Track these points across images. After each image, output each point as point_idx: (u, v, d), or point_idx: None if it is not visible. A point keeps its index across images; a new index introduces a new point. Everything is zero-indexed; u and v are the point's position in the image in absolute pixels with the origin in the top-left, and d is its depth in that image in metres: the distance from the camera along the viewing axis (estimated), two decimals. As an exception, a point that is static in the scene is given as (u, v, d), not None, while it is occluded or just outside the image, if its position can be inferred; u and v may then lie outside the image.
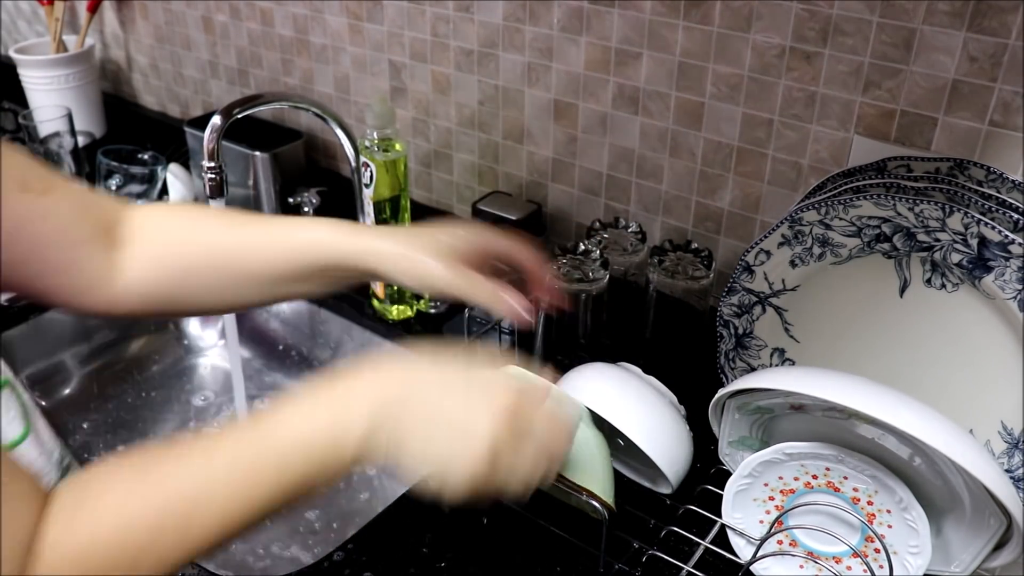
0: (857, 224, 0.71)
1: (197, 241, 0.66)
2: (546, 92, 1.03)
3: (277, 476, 0.48)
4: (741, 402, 0.70)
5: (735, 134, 0.90)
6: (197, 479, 0.47)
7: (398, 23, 1.13)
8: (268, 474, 0.48)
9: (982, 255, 0.66)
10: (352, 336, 1.12)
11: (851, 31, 0.79)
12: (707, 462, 0.79)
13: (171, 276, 0.66)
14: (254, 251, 0.66)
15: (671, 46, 0.91)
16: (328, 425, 0.49)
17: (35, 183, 0.59)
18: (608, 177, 1.03)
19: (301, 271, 0.65)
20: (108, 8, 1.57)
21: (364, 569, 0.73)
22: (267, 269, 0.66)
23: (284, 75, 1.33)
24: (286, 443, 0.48)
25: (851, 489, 0.65)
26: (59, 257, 0.61)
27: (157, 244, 0.66)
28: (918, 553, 0.63)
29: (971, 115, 0.76)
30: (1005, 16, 0.71)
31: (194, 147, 1.29)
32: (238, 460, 0.48)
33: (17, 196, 0.57)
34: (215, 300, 0.69)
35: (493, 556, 0.74)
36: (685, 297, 0.87)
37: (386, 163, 0.98)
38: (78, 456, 1.05)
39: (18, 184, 0.57)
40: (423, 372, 0.52)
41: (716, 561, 0.71)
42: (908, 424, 0.57)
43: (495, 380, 0.52)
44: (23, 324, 1.09)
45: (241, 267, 0.66)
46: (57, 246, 0.61)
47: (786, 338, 0.81)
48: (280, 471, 0.48)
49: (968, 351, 0.71)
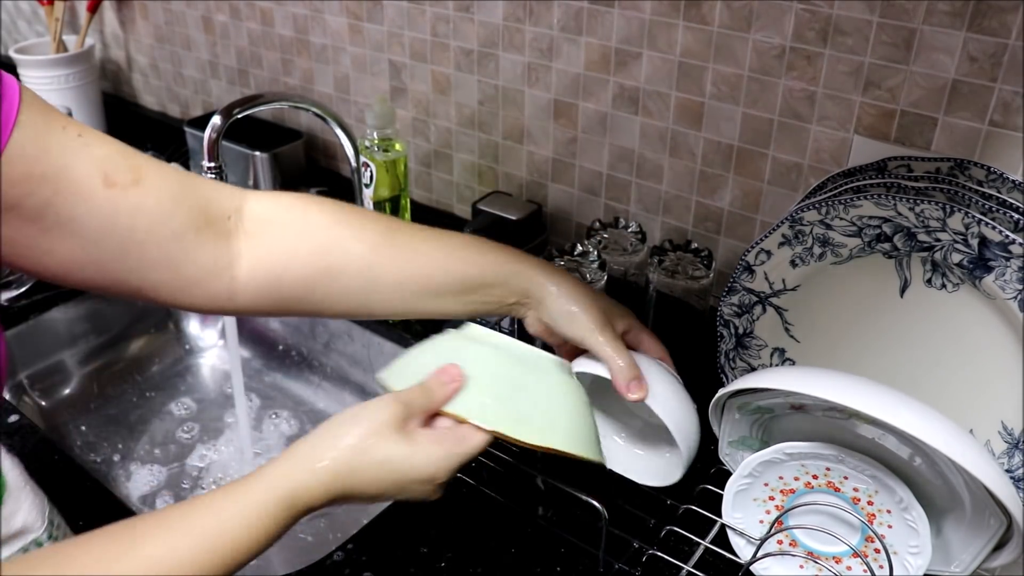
0: (857, 224, 0.71)
1: (336, 249, 0.63)
2: (546, 92, 1.03)
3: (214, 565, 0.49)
4: (741, 402, 0.70)
5: (735, 134, 0.90)
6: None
7: (398, 23, 1.13)
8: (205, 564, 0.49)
9: (982, 255, 0.66)
10: (352, 336, 1.12)
11: (851, 31, 0.79)
12: (707, 462, 0.79)
13: (295, 281, 0.63)
14: (405, 263, 0.64)
15: (671, 46, 0.91)
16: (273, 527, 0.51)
17: (120, 175, 0.55)
18: (608, 177, 1.03)
19: (457, 285, 0.65)
20: (108, 8, 1.57)
21: (364, 569, 0.73)
22: (418, 280, 0.64)
23: (284, 75, 1.33)
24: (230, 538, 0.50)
25: (851, 489, 0.65)
26: (156, 252, 0.58)
27: (285, 241, 0.62)
28: (918, 553, 0.63)
29: (971, 115, 0.76)
30: (1005, 16, 0.71)
31: (194, 147, 1.29)
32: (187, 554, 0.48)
33: (103, 193, 0.54)
34: (342, 308, 0.66)
35: (493, 556, 0.74)
36: (685, 297, 0.87)
37: (386, 163, 0.98)
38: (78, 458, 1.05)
39: (102, 179, 0.54)
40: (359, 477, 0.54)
41: (716, 561, 0.71)
42: (908, 424, 0.57)
43: (427, 463, 0.56)
44: (23, 324, 1.09)
45: (386, 278, 0.64)
46: (153, 241, 0.57)
47: (786, 338, 0.81)
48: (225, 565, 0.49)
49: (968, 351, 0.71)
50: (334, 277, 0.63)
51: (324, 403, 1.16)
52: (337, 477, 0.53)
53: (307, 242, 0.63)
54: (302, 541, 0.96)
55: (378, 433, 0.54)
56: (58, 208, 0.53)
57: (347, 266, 0.63)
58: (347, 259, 0.63)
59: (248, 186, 1.24)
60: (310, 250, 0.63)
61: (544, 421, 0.61)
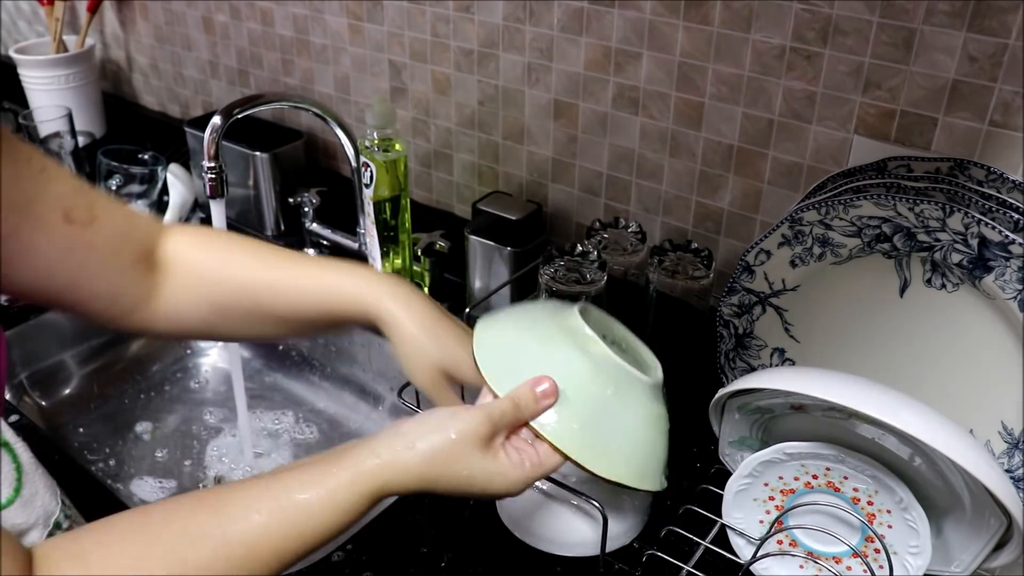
0: (857, 224, 0.71)
1: (230, 279, 0.67)
2: (546, 92, 1.03)
3: (295, 548, 0.51)
4: (741, 402, 0.70)
5: (735, 134, 0.90)
6: (212, 539, 0.48)
7: (398, 23, 1.13)
8: (286, 547, 0.51)
9: (982, 255, 0.66)
10: (352, 336, 1.12)
11: (851, 31, 0.79)
12: (707, 462, 0.79)
13: (203, 310, 0.67)
14: (284, 295, 0.66)
15: (671, 46, 0.91)
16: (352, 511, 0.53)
17: (79, 213, 0.59)
18: (608, 177, 1.03)
19: (327, 318, 0.66)
20: (108, 8, 1.57)
21: (364, 569, 0.74)
22: (295, 313, 0.67)
23: (284, 75, 1.33)
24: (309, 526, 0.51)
25: (851, 489, 0.65)
26: (102, 286, 0.62)
27: (192, 276, 0.67)
28: (918, 553, 0.63)
29: (971, 115, 0.76)
30: (1005, 16, 0.71)
31: (194, 147, 1.29)
32: (253, 526, 0.49)
33: (62, 228, 0.57)
34: (245, 333, 0.71)
35: (493, 556, 0.75)
36: (685, 297, 0.87)
37: (386, 163, 0.98)
38: (78, 458, 1.05)
39: (63, 215, 0.57)
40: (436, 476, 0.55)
41: (716, 561, 0.71)
42: (908, 424, 0.57)
43: (505, 483, 0.57)
44: (23, 324, 1.09)
45: (271, 309, 0.67)
46: (100, 276, 0.61)
47: (786, 338, 0.81)
48: (295, 550, 0.51)
49: (968, 351, 0.71)
50: (221, 311, 0.67)
51: (324, 403, 1.16)
52: (422, 481, 0.55)
53: (200, 280, 0.67)
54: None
55: (465, 446, 0.55)
56: (21, 237, 0.55)
57: (229, 301, 0.67)
58: (230, 296, 0.67)
59: (248, 186, 1.24)
60: (202, 287, 0.67)
61: (621, 455, 0.61)
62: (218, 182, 0.95)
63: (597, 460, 0.60)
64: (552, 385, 0.59)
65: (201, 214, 1.33)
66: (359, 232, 1.12)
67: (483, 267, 1.01)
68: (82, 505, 0.81)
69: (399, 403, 0.81)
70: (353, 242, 1.15)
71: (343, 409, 1.15)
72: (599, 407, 0.61)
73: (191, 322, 0.68)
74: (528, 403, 0.58)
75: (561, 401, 0.60)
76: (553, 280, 0.86)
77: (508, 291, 0.98)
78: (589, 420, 0.61)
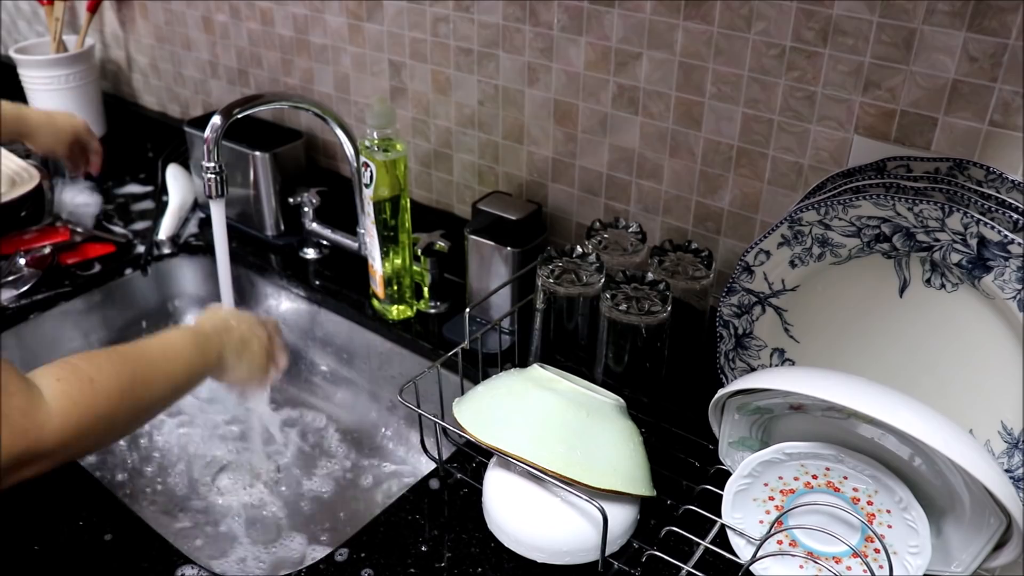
0: (857, 224, 0.71)
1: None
2: (546, 92, 1.03)
3: (183, 368, 0.83)
4: (741, 402, 0.70)
5: (735, 134, 0.90)
6: (149, 358, 0.79)
7: (398, 23, 1.13)
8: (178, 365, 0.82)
9: (981, 255, 0.66)
10: (352, 336, 1.12)
11: (851, 31, 0.79)
12: (707, 462, 0.80)
13: None
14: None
15: (671, 46, 0.91)
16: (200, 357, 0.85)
17: None
18: (608, 177, 1.03)
19: None
20: (108, 8, 1.57)
21: (364, 569, 0.74)
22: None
23: (284, 75, 1.33)
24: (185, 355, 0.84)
25: (851, 489, 0.65)
26: None
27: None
28: (918, 553, 0.63)
29: (971, 115, 0.76)
30: (1005, 16, 0.71)
31: (194, 147, 1.29)
32: (165, 353, 0.82)
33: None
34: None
35: (493, 556, 0.75)
36: (685, 297, 0.87)
37: (386, 163, 0.98)
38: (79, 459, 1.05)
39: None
40: (231, 317, 0.92)
41: (716, 561, 0.71)
42: (908, 424, 0.57)
43: (251, 320, 0.94)
44: (23, 324, 1.09)
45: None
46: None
47: (786, 338, 0.81)
48: (183, 365, 0.83)
49: (968, 351, 0.71)
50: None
51: (323, 403, 1.16)
52: (221, 322, 0.90)
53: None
54: (303, 541, 0.96)
55: (249, 317, 0.96)
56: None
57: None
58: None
59: (248, 186, 1.24)
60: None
61: (607, 466, 0.69)
62: (218, 182, 0.95)
63: (589, 475, 0.67)
64: None
65: (201, 214, 1.33)
66: (359, 232, 1.12)
67: (483, 267, 1.01)
68: (82, 505, 0.81)
69: (399, 402, 0.81)
70: (353, 242, 1.15)
71: (344, 409, 1.15)
72: (579, 429, 0.70)
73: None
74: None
75: (543, 434, 0.69)
76: (550, 280, 0.85)
77: (508, 291, 0.98)
78: (574, 442, 0.69)
